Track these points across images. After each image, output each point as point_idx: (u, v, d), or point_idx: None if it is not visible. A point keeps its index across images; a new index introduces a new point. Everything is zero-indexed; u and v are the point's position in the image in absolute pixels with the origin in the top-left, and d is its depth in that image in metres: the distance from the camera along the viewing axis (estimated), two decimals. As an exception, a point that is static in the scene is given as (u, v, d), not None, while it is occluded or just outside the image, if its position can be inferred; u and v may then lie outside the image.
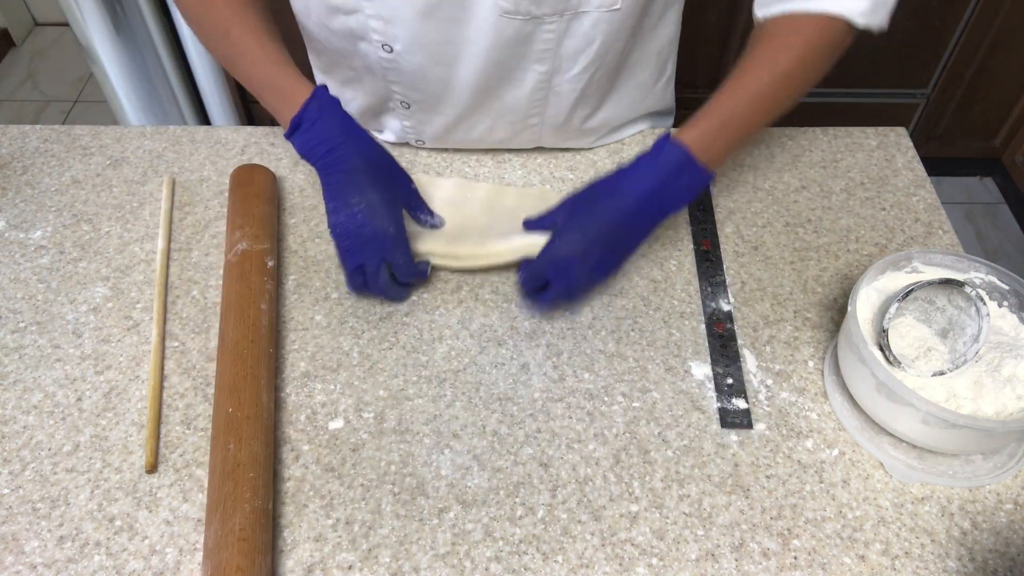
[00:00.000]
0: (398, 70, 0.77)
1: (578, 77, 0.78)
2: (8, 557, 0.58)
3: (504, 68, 0.76)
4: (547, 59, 0.75)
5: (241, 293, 0.70)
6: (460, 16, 0.70)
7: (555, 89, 0.79)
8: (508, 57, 0.74)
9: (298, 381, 0.69)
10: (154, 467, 0.63)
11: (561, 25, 0.72)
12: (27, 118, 2.37)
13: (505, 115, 0.82)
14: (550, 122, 0.84)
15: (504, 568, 0.58)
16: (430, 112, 0.82)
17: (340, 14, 0.73)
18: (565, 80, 0.78)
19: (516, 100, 0.80)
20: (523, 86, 0.78)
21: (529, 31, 0.72)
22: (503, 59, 0.74)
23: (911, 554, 0.59)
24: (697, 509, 0.61)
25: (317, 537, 0.60)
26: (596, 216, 0.69)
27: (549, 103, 0.81)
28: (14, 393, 0.68)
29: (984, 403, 0.60)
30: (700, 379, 0.70)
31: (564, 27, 0.72)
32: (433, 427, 0.66)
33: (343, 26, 0.74)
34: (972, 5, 1.70)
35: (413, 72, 0.77)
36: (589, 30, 0.73)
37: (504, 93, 0.79)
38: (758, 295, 0.76)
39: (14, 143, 0.91)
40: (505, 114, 0.82)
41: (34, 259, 0.79)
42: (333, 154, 0.70)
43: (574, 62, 0.76)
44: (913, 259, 0.68)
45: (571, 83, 0.79)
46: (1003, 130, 2.01)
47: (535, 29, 0.72)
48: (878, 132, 0.93)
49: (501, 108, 0.81)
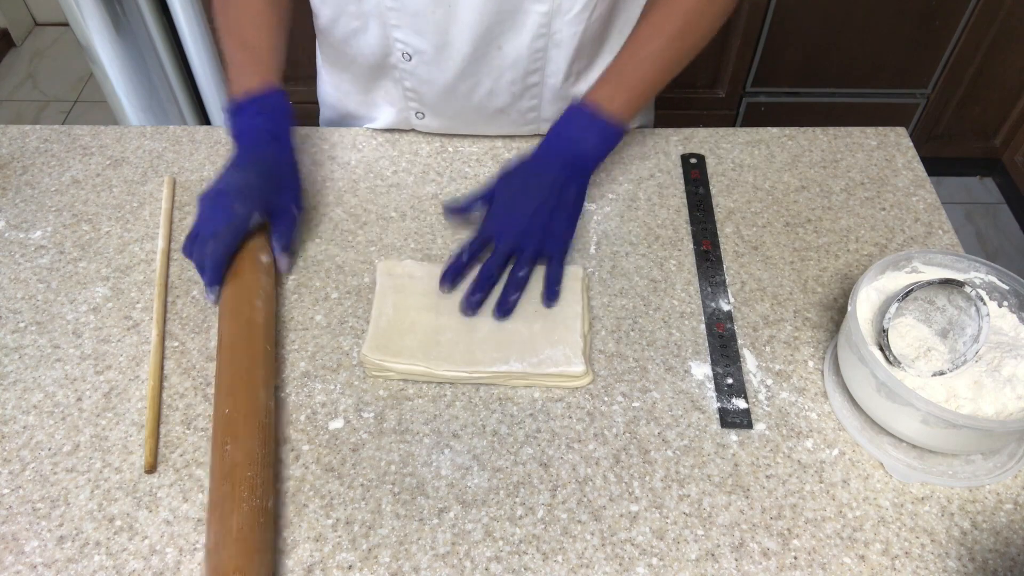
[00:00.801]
0: (401, 11, 0.78)
1: (577, 18, 0.79)
2: (8, 557, 0.58)
3: (504, 9, 0.77)
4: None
5: (234, 292, 0.70)
6: None
7: (555, 38, 0.80)
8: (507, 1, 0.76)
9: (298, 381, 0.69)
10: (154, 467, 0.63)
11: None
12: (27, 118, 2.37)
13: (506, 72, 0.82)
14: (550, 81, 0.84)
15: (504, 568, 0.58)
16: (431, 65, 0.82)
17: None
18: (565, 23, 0.79)
19: (517, 51, 0.81)
20: (524, 31, 0.79)
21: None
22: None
23: (911, 554, 0.59)
24: (697, 509, 0.61)
25: (317, 537, 0.60)
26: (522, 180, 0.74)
27: (549, 57, 0.82)
28: (14, 393, 0.68)
29: (984, 403, 0.60)
30: (700, 379, 0.70)
31: None
32: (433, 427, 0.66)
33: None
34: (972, 5, 1.70)
35: (415, 13, 0.77)
36: None
37: (505, 42, 0.80)
38: (758, 295, 0.76)
39: (14, 143, 0.91)
40: (506, 71, 0.82)
41: (34, 259, 0.79)
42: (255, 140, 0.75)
43: (573, 1, 0.77)
44: (913, 259, 0.68)
45: (570, 27, 0.79)
46: (1003, 130, 2.01)
47: None
48: (878, 132, 0.93)
49: (502, 62, 0.81)
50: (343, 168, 0.88)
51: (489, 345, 0.69)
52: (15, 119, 2.37)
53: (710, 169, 0.89)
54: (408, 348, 0.68)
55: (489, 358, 0.68)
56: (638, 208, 0.84)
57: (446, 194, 0.85)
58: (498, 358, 0.68)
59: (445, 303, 0.72)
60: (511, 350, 0.68)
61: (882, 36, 1.75)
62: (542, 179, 0.74)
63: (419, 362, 0.68)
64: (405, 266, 0.75)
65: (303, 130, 0.92)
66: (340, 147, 0.91)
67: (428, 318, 0.71)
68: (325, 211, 0.83)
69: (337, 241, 0.81)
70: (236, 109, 0.77)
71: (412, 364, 0.67)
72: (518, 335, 0.70)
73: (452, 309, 0.72)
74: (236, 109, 0.77)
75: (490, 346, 0.69)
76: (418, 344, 0.69)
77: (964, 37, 1.76)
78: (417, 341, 0.69)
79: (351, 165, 0.89)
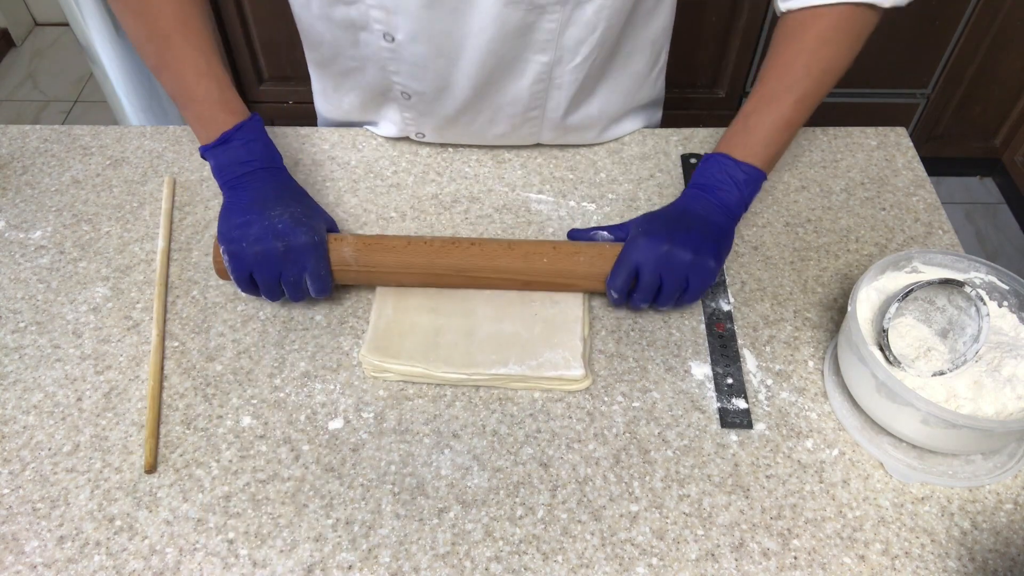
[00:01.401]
0: (399, 60, 0.77)
1: (579, 67, 0.78)
2: (8, 557, 0.58)
3: (506, 60, 0.76)
4: (549, 49, 0.75)
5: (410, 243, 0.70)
6: (463, 6, 0.71)
7: (555, 81, 0.79)
8: (510, 48, 0.75)
9: (298, 381, 0.69)
10: (154, 467, 0.63)
11: (564, 14, 0.72)
12: (27, 118, 2.37)
13: (505, 108, 0.82)
14: (550, 115, 0.84)
15: (504, 568, 0.58)
16: (431, 103, 0.82)
17: (341, 4, 0.73)
18: (566, 71, 0.78)
19: (517, 93, 0.80)
20: (524, 78, 0.78)
21: (532, 20, 0.72)
22: (505, 50, 0.75)
23: (911, 554, 0.59)
24: (697, 509, 0.61)
25: (317, 537, 0.60)
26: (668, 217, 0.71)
27: (550, 96, 0.81)
28: (14, 393, 0.68)
29: (984, 403, 0.60)
30: (700, 379, 0.70)
31: (567, 16, 0.73)
32: (433, 427, 0.66)
33: (344, 16, 0.75)
34: (972, 5, 1.70)
35: (414, 62, 0.77)
36: (592, 17, 0.73)
37: (505, 86, 0.79)
38: (758, 295, 0.76)
39: (14, 143, 0.91)
40: (505, 107, 0.82)
41: (34, 259, 0.79)
42: (255, 175, 0.71)
43: (576, 52, 0.77)
44: (913, 259, 0.68)
45: (572, 74, 0.79)
46: (1003, 130, 2.01)
47: (538, 18, 0.72)
48: (878, 132, 0.93)
49: (502, 101, 0.81)
50: (343, 168, 0.88)
51: (488, 348, 0.69)
52: (15, 119, 2.37)
53: (710, 169, 0.89)
54: (407, 350, 0.68)
55: (488, 360, 0.68)
56: (638, 208, 0.84)
57: (446, 194, 0.85)
58: (497, 361, 0.68)
59: (445, 304, 0.72)
60: (510, 353, 0.68)
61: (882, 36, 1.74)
62: (689, 218, 0.70)
63: (418, 364, 0.68)
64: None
65: (303, 130, 0.92)
66: (340, 147, 0.91)
67: (428, 319, 0.71)
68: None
69: (337, 241, 0.81)
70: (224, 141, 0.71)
71: (411, 366, 0.67)
72: (518, 338, 0.70)
73: (452, 310, 0.72)
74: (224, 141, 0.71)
75: (489, 349, 0.69)
76: (417, 346, 0.69)
77: (964, 37, 1.76)
78: (416, 343, 0.69)
79: (351, 165, 0.89)
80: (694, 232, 0.68)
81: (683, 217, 0.70)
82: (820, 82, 0.71)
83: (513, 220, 0.83)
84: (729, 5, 1.68)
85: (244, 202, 0.69)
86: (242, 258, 0.67)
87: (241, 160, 0.71)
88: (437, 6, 0.70)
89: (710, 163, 0.73)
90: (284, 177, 0.73)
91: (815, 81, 0.71)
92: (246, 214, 0.68)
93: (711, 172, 0.72)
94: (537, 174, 0.88)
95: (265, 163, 0.72)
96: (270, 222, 0.67)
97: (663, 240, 0.67)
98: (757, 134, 0.72)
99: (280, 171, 0.74)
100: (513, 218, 0.83)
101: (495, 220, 0.83)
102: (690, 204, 0.71)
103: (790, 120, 0.72)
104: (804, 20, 0.71)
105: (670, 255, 0.67)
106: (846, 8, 0.69)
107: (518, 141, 0.88)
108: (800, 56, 0.71)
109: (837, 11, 0.70)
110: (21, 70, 2.54)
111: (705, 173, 0.73)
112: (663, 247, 0.67)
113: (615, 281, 0.68)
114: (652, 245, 0.67)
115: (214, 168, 0.72)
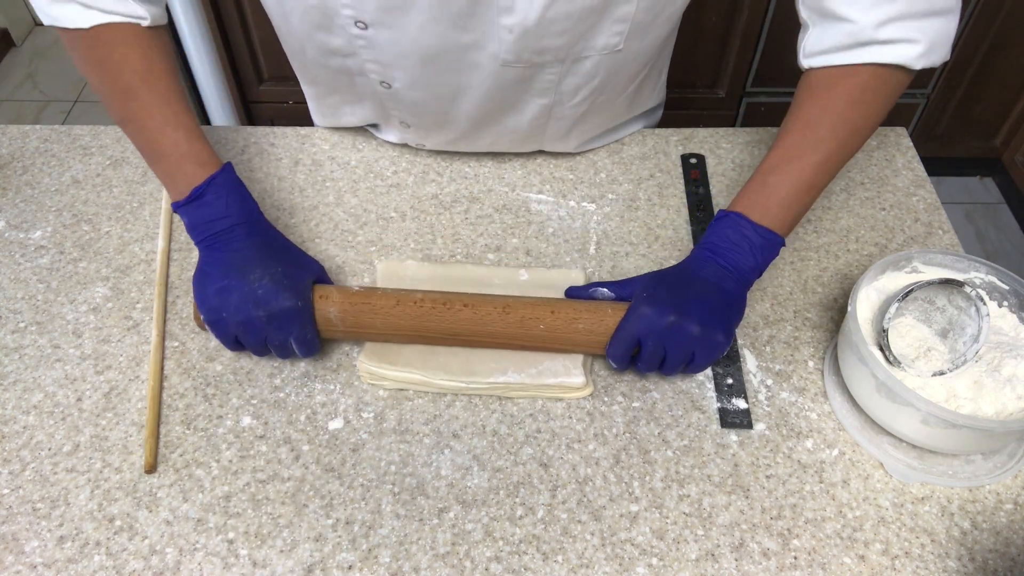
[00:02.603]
0: (397, 100, 0.77)
1: (579, 105, 0.78)
2: (8, 557, 0.58)
3: (505, 103, 0.76)
4: (548, 93, 0.75)
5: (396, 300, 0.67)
6: (459, 65, 0.70)
7: (555, 115, 0.79)
8: (508, 95, 0.74)
9: (298, 381, 0.69)
10: (154, 467, 0.63)
11: (563, 69, 0.72)
12: (27, 118, 2.37)
13: (506, 135, 0.83)
14: (549, 141, 0.85)
15: (504, 568, 0.58)
16: (430, 131, 0.83)
17: (337, 56, 0.73)
18: (566, 108, 0.78)
19: (517, 125, 0.80)
20: (524, 115, 0.78)
21: (530, 75, 0.72)
22: (503, 97, 0.75)
23: (911, 554, 0.59)
24: (697, 509, 0.61)
25: (317, 537, 0.60)
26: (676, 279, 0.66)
27: (549, 127, 0.81)
28: (14, 393, 0.68)
29: (984, 403, 0.60)
30: (700, 379, 0.70)
31: (566, 70, 0.72)
32: (433, 427, 0.66)
33: (340, 65, 0.74)
34: (972, 5, 1.70)
35: (413, 103, 0.77)
36: (591, 69, 0.73)
37: (505, 120, 0.79)
38: (758, 295, 0.76)
39: (14, 143, 0.91)
40: (506, 135, 0.82)
41: (34, 259, 0.79)
42: (233, 232, 0.66)
43: (575, 95, 0.76)
44: (913, 259, 0.68)
45: (572, 110, 0.79)
46: (1003, 130, 2.01)
47: (536, 73, 0.71)
48: (878, 132, 0.93)
49: (502, 131, 0.81)
50: (343, 168, 0.88)
51: (488, 355, 0.68)
52: (15, 119, 2.37)
53: (710, 169, 0.89)
54: (405, 357, 0.68)
55: (487, 369, 0.67)
56: (638, 208, 0.84)
57: (446, 194, 0.85)
58: (496, 369, 0.67)
59: None
60: (510, 361, 0.67)
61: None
62: (699, 285, 0.65)
63: (416, 371, 0.67)
64: (407, 267, 0.75)
65: (303, 130, 0.92)
66: (340, 147, 0.91)
67: None
68: (325, 211, 0.83)
69: (337, 241, 0.81)
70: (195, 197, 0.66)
71: (409, 373, 0.67)
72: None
73: None
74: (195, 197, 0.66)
75: (488, 356, 0.68)
76: (416, 353, 0.68)
77: (964, 37, 1.76)
78: (415, 350, 0.68)
79: (351, 165, 0.89)
80: (702, 301, 0.63)
81: (692, 283, 0.65)
82: (846, 144, 0.66)
83: (513, 220, 0.83)
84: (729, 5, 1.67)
85: (222, 265, 0.65)
86: (224, 327, 0.64)
87: (215, 217, 0.66)
88: (434, 64, 0.70)
89: (725, 223, 0.67)
90: (263, 231, 0.68)
91: (840, 144, 0.66)
92: (224, 278, 0.64)
93: (725, 233, 0.66)
94: (537, 174, 0.88)
95: (241, 218, 0.67)
96: (250, 288, 0.63)
97: (668, 311, 0.62)
98: (777, 195, 0.66)
99: (258, 224, 0.68)
100: (513, 218, 0.83)
101: (495, 220, 0.83)
102: (701, 268, 0.66)
103: (812, 182, 0.66)
104: (832, 77, 0.66)
105: (675, 328, 0.62)
106: (879, 69, 0.64)
107: (520, 150, 0.89)
108: (826, 116, 0.66)
109: (869, 71, 0.65)
110: (21, 70, 2.54)
111: (719, 233, 0.67)
112: (668, 318, 0.62)
113: (615, 351, 0.64)
114: (656, 316, 0.62)
115: (188, 226, 0.67)
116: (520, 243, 0.80)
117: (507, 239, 0.81)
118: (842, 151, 0.67)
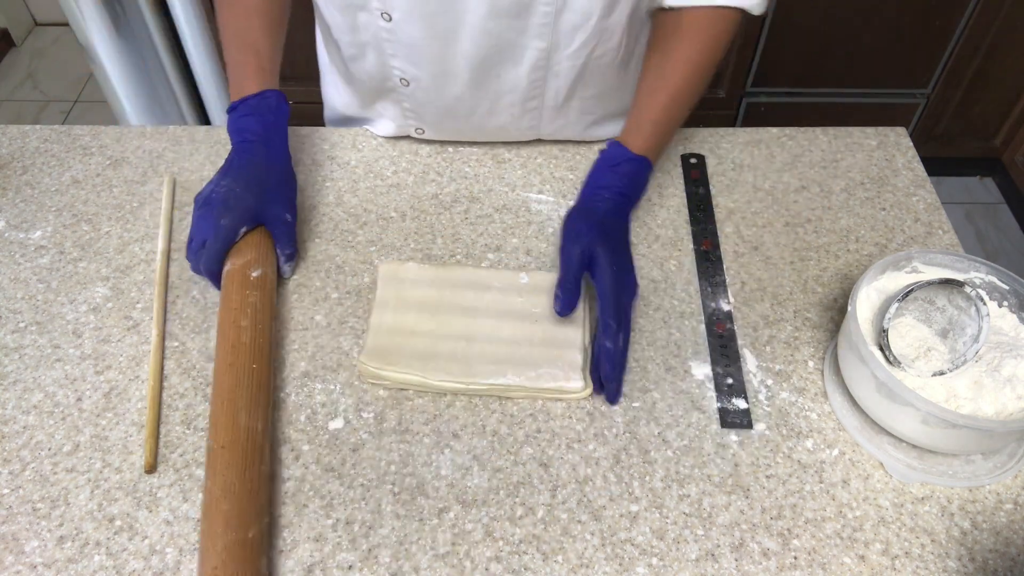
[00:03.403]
0: (396, 42, 0.77)
1: (576, 54, 0.79)
2: (8, 557, 0.58)
3: (502, 43, 0.76)
4: (546, 35, 0.76)
5: (222, 316, 0.68)
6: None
7: (553, 69, 0.80)
8: (506, 30, 0.75)
9: (298, 381, 0.69)
10: (153, 467, 0.63)
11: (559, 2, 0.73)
12: (27, 118, 2.37)
13: (504, 96, 0.82)
14: (549, 103, 0.84)
15: (504, 568, 0.58)
16: (429, 91, 0.82)
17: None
18: (564, 57, 0.79)
19: (515, 80, 0.80)
20: (522, 65, 0.79)
21: (527, 2, 0.73)
22: (501, 31, 0.75)
23: (911, 554, 0.59)
24: (697, 509, 0.61)
25: (317, 537, 0.60)
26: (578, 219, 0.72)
27: (548, 84, 0.81)
28: (14, 393, 0.68)
29: (984, 403, 0.60)
30: (700, 379, 0.70)
31: (562, 4, 0.73)
32: (433, 427, 0.66)
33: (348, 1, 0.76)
34: (972, 5, 1.70)
35: (411, 44, 0.77)
36: (586, 3, 0.74)
37: (503, 72, 0.79)
38: (758, 295, 0.76)
39: (14, 143, 0.91)
40: (504, 95, 0.82)
41: (34, 259, 0.79)
42: (246, 144, 0.75)
43: (572, 38, 0.77)
44: (913, 259, 0.68)
45: (569, 60, 0.79)
46: (1003, 130, 2.01)
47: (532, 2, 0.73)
48: (878, 132, 0.94)
49: (500, 89, 0.81)
50: (343, 168, 0.88)
51: (487, 357, 0.68)
52: (15, 119, 2.37)
53: (710, 169, 0.89)
54: (405, 358, 0.68)
55: (486, 371, 0.67)
56: (638, 208, 0.84)
57: (446, 194, 0.85)
58: (495, 371, 0.67)
59: (445, 311, 0.72)
60: (509, 363, 0.68)
61: (882, 36, 1.75)
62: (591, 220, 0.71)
63: (416, 372, 0.67)
64: (408, 269, 0.75)
65: (303, 130, 0.92)
66: (340, 147, 0.91)
67: (428, 327, 0.71)
68: (325, 211, 0.83)
69: (337, 241, 0.81)
70: (231, 109, 0.77)
71: (408, 374, 0.67)
72: (517, 348, 0.69)
73: (452, 318, 0.71)
74: (231, 109, 0.77)
75: (488, 358, 0.68)
76: (416, 354, 0.68)
77: (964, 37, 1.76)
78: (415, 351, 0.68)
79: (351, 165, 0.89)
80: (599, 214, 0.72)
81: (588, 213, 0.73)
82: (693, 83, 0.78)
83: (513, 220, 0.83)
84: (729, 5, 1.67)
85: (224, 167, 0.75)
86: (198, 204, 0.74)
87: (237, 127, 0.76)
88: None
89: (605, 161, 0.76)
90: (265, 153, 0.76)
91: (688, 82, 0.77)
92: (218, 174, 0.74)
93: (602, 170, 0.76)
94: (537, 174, 0.88)
95: (254, 136, 0.75)
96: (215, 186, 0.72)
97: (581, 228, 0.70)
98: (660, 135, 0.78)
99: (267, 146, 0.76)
100: (513, 218, 0.83)
101: (495, 220, 0.83)
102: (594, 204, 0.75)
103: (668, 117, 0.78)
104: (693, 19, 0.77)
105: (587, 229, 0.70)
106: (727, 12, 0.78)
107: (518, 136, 0.88)
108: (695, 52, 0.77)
109: (721, 14, 0.77)
110: (21, 70, 2.54)
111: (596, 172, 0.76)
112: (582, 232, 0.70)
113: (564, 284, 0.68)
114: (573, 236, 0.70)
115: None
116: (520, 243, 0.80)
117: (507, 239, 0.81)
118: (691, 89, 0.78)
